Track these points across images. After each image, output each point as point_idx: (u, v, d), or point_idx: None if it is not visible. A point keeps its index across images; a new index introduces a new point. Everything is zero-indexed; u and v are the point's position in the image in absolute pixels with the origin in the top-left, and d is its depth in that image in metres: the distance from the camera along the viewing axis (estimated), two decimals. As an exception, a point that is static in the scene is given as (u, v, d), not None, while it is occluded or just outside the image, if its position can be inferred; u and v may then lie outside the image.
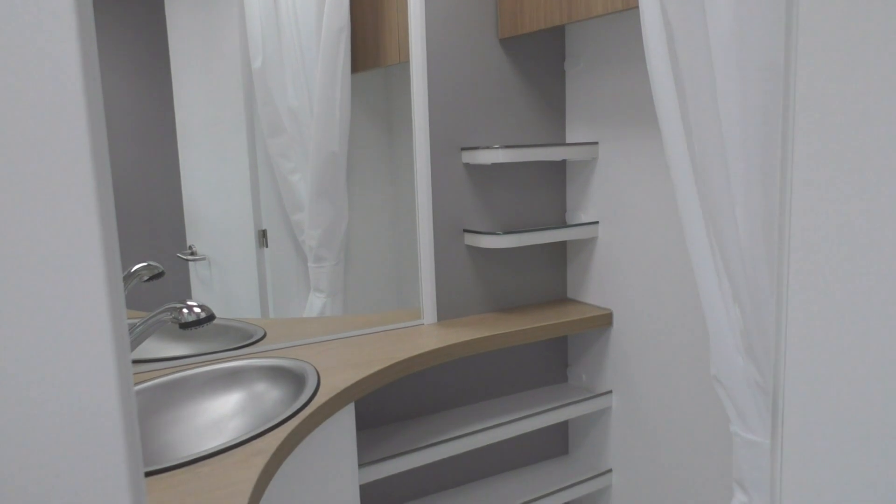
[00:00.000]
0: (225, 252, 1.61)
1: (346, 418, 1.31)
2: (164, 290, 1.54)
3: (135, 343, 1.23)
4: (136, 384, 1.30)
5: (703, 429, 1.56)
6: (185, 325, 1.18)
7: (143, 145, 1.45)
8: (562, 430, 1.96)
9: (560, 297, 1.90)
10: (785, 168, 0.76)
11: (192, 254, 1.59)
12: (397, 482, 1.71)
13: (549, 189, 1.83)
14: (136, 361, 1.42)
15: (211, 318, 1.20)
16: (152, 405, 1.29)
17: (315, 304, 1.73)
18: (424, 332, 1.64)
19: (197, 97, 1.51)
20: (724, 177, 0.93)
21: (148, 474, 0.97)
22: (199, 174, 1.53)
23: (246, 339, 1.57)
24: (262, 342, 1.56)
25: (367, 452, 1.53)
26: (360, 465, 1.44)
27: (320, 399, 1.23)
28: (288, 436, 1.09)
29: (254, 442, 1.07)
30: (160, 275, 1.53)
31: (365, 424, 1.66)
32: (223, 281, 1.60)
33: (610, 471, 1.83)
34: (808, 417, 0.80)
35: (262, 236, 1.67)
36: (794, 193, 0.77)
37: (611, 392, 1.80)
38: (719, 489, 1.53)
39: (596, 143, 1.73)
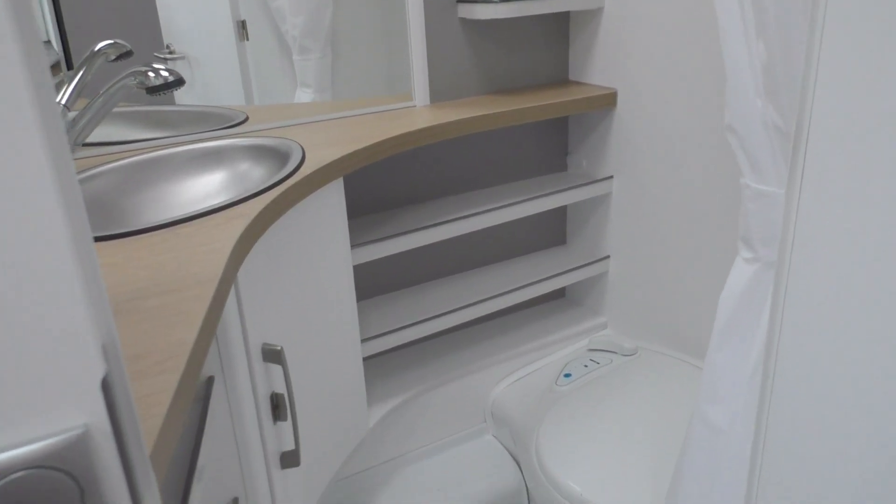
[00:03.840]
0: (204, 48, 1.48)
1: (334, 193, 1.25)
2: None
3: (100, 113, 1.14)
4: (112, 163, 1.23)
5: (706, 200, 1.51)
6: (153, 90, 1.09)
7: None
8: (560, 219, 1.92)
9: (561, 79, 1.79)
10: None
11: (170, 53, 1.46)
12: (390, 267, 1.70)
13: (550, -45, 1.65)
14: (109, 143, 1.34)
15: (180, 81, 1.10)
16: (130, 184, 1.23)
17: (302, 99, 1.62)
18: (416, 112, 1.55)
19: None
20: None
21: (125, 235, 0.92)
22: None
23: (227, 123, 1.48)
24: (244, 125, 1.47)
25: (359, 235, 1.49)
26: (353, 246, 1.41)
27: (306, 171, 1.16)
28: (271, 203, 1.03)
29: (235, 207, 1.01)
30: (128, 54, 1.41)
31: (356, 212, 1.61)
32: (204, 79, 1.48)
33: (608, 257, 1.81)
34: (831, 164, 0.72)
35: (242, 28, 1.52)
36: None
37: (611, 177, 1.73)
38: (721, 262, 1.51)
39: None
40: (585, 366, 1.69)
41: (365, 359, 1.62)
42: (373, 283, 1.68)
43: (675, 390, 1.54)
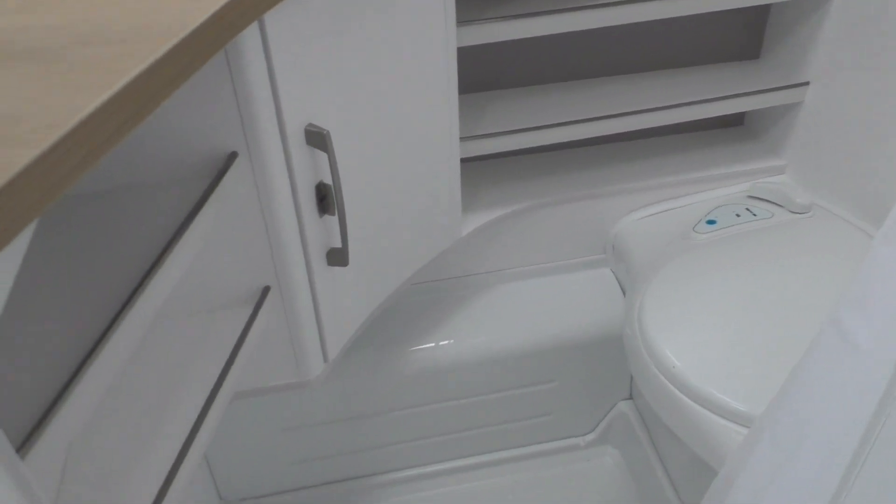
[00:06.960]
0: None
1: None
2: None
3: None
4: None
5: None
6: None
7: None
8: (758, 22, 1.49)
9: None
10: None
11: None
12: (515, 57, 1.41)
13: None
14: None
15: None
16: None
17: None
18: None
19: None
20: None
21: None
22: None
23: None
24: None
25: (472, 11, 1.22)
26: (460, 23, 1.15)
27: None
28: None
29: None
30: None
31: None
32: None
33: (807, 83, 1.40)
34: None
35: None
36: None
37: (840, -27, 1.28)
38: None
39: None
40: (738, 215, 1.37)
41: (469, 160, 1.41)
42: (489, 75, 1.42)
43: (841, 267, 1.21)
